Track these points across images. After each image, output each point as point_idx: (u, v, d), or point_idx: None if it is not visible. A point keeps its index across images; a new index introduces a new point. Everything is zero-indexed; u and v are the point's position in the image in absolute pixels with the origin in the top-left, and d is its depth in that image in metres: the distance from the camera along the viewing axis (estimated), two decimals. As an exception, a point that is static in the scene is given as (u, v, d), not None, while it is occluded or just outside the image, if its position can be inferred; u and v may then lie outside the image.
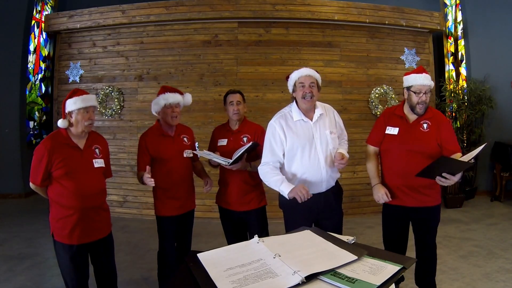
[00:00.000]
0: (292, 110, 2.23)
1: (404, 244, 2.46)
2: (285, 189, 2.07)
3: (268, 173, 2.16)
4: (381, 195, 2.30)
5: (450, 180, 2.02)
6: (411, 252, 2.45)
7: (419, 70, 2.32)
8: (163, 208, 2.51)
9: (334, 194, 2.28)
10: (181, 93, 2.60)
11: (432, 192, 2.27)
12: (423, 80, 2.23)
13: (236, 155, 2.27)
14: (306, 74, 2.17)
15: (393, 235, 2.45)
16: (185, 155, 2.55)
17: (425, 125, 2.26)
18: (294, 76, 2.21)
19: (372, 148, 2.46)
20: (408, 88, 2.30)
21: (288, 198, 2.08)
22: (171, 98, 2.48)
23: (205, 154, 2.43)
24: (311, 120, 2.19)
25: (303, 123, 2.19)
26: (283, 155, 2.19)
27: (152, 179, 2.26)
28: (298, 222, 2.06)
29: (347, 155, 2.24)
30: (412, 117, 2.32)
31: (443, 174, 2.01)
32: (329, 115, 2.28)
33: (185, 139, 2.62)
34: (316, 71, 2.24)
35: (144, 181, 2.32)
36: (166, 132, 2.54)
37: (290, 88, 2.26)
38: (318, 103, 2.27)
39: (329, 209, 2.25)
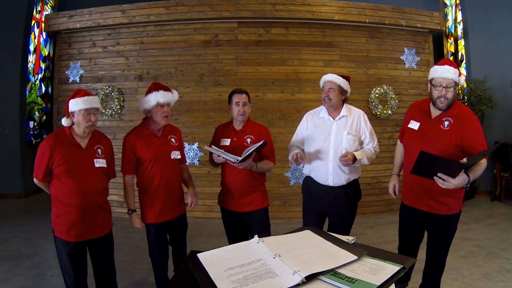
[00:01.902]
0: (322, 108, 2.55)
1: (416, 245, 2.41)
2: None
3: (291, 149, 2.59)
4: (391, 185, 2.48)
5: (448, 182, 1.83)
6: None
7: (443, 61, 2.12)
8: (149, 215, 2.42)
9: (346, 195, 2.42)
10: (171, 91, 2.47)
11: (449, 200, 2.11)
12: (443, 72, 2.04)
13: (246, 153, 2.26)
14: (327, 80, 2.45)
15: (409, 238, 2.40)
16: (172, 157, 2.43)
17: (446, 123, 2.08)
18: (321, 80, 2.52)
19: (399, 144, 2.51)
20: (430, 81, 2.15)
21: (294, 165, 2.49)
22: (164, 97, 2.34)
23: (213, 149, 2.38)
24: (334, 119, 2.45)
25: (325, 120, 2.49)
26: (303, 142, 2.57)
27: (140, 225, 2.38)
28: (311, 209, 2.54)
29: (360, 157, 2.32)
30: (435, 112, 2.16)
31: (439, 175, 1.84)
32: (354, 118, 2.47)
33: (172, 139, 2.49)
34: (345, 76, 2.46)
35: (133, 225, 2.38)
36: (153, 132, 2.41)
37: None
38: (348, 106, 2.50)
39: (338, 206, 2.42)
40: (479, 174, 1.98)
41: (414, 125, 2.21)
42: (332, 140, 2.41)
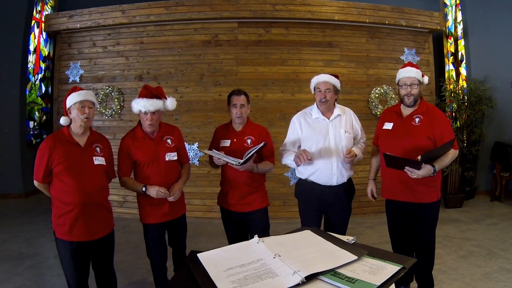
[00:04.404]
0: (313, 109, 2.52)
1: (409, 238, 2.52)
2: (292, 161, 2.40)
3: (284, 153, 2.54)
4: (368, 190, 2.64)
5: (413, 173, 2.13)
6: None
7: (405, 65, 2.44)
8: (146, 215, 2.42)
9: (345, 191, 2.47)
10: (163, 97, 2.39)
11: (425, 188, 2.30)
12: (406, 73, 2.36)
13: (247, 155, 2.25)
14: (322, 81, 2.43)
15: (396, 230, 2.54)
16: (167, 159, 2.40)
17: (417, 119, 2.33)
18: (313, 81, 2.49)
19: (375, 148, 2.68)
20: (398, 83, 2.46)
21: (296, 166, 2.41)
22: (145, 106, 2.30)
23: (214, 153, 2.36)
24: (328, 119, 2.45)
25: (320, 120, 2.47)
26: (299, 146, 2.49)
27: (166, 192, 2.31)
28: (310, 212, 2.48)
29: (358, 153, 2.42)
30: (405, 112, 2.41)
31: (406, 168, 2.13)
32: (347, 117, 2.53)
33: (168, 141, 2.45)
34: (336, 75, 2.49)
35: (157, 195, 2.29)
36: (147, 134, 2.40)
37: (312, 91, 2.54)
38: (338, 105, 2.53)
39: (339, 204, 2.45)
40: (446, 164, 2.26)
41: (388, 125, 2.46)
42: (331, 139, 2.41)
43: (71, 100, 2.12)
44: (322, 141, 2.41)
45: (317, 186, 2.43)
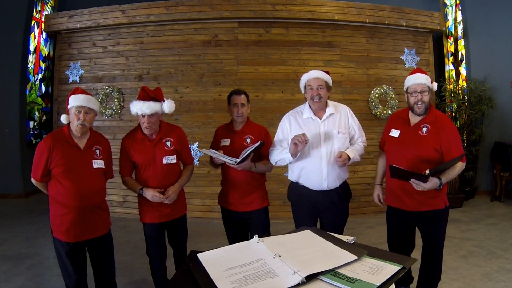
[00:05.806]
0: (304, 108, 2.38)
1: (408, 246, 2.45)
2: (287, 152, 2.25)
3: (273, 151, 2.39)
4: (375, 195, 2.55)
5: (419, 185, 2.05)
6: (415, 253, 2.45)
7: (414, 71, 2.32)
8: (143, 215, 2.42)
9: (338, 194, 2.34)
10: (161, 99, 2.34)
11: (430, 196, 2.22)
12: (416, 80, 2.24)
13: (244, 154, 2.24)
14: (314, 77, 2.29)
15: (396, 237, 2.45)
16: (164, 162, 2.35)
17: (424, 129, 2.23)
18: (304, 78, 2.35)
19: (381, 153, 2.59)
20: (406, 91, 2.32)
21: (292, 158, 2.25)
22: (141, 109, 2.26)
23: (211, 152, 2.35)
24: (320, 119, 2.31)
25: (311, 120, 2.33)
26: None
27: (161, 196, 2.29)
28: (303, 215, 2.37)
29: (353, 155, 2.25)
30: (413, 120, 2.30)
31: (411, 180, 2.05)
32: (342, 115, 2.36)
33: (167, 143, 2.38)
34: (327, 71, 2.35)
35: (152, 199, 2.29)
36: (146, 136, 2.36)
37: (302, 89, 2.41)
38: (332, 103, 2.40)
39: (333, 208, 2.34)
40: (453, 177, 2.19)
41: (394, 133, 2.34)
42: (322, 142, 2.26)
43: (71, 102, 2.11)
44: (312, 143, 2.25)
45: (308, 190, 2.31)
